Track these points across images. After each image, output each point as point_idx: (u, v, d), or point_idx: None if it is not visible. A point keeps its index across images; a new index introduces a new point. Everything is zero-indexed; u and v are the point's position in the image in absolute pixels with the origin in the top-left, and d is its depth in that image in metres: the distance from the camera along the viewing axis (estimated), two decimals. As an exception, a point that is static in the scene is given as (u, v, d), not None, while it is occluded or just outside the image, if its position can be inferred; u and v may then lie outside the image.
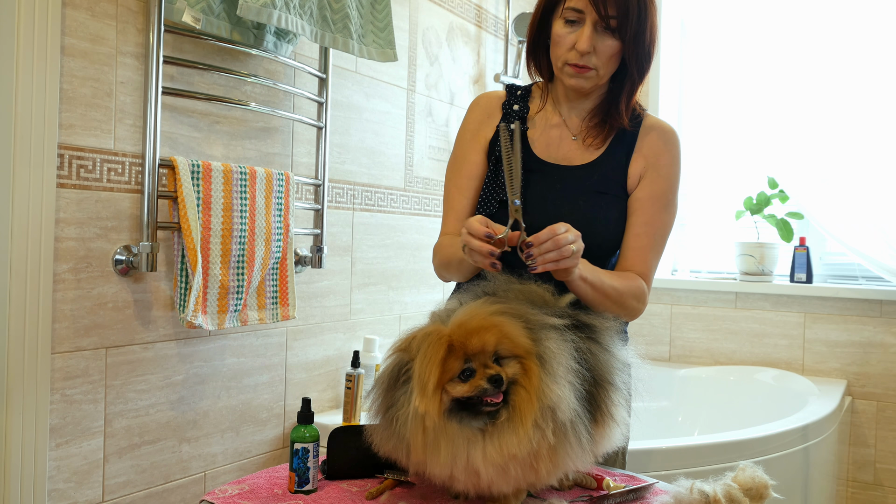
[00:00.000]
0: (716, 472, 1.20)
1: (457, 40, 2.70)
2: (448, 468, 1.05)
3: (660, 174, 1.44)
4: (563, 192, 1.43)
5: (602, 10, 1.31)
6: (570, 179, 1.43)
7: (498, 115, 1.51)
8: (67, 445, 1.55)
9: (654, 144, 1.45)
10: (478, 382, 1.03)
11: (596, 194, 1.43)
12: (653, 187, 1.44)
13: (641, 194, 1.44)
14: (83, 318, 1.56)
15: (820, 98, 2.87)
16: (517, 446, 1.02)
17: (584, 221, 1.35)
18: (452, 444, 1.04)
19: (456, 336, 1.05)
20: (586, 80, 1.39)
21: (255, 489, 1.24)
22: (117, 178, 1.61)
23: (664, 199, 1.45)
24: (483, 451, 1.03)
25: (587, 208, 1.41)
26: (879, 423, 2.82)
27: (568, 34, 1.36)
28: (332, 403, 2.22)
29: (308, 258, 2.05)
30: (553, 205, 1.42)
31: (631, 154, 1.45)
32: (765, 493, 1.15)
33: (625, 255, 1.44)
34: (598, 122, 1.45)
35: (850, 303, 2.87)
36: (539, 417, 1.03)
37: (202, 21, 1.66)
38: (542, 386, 1.04)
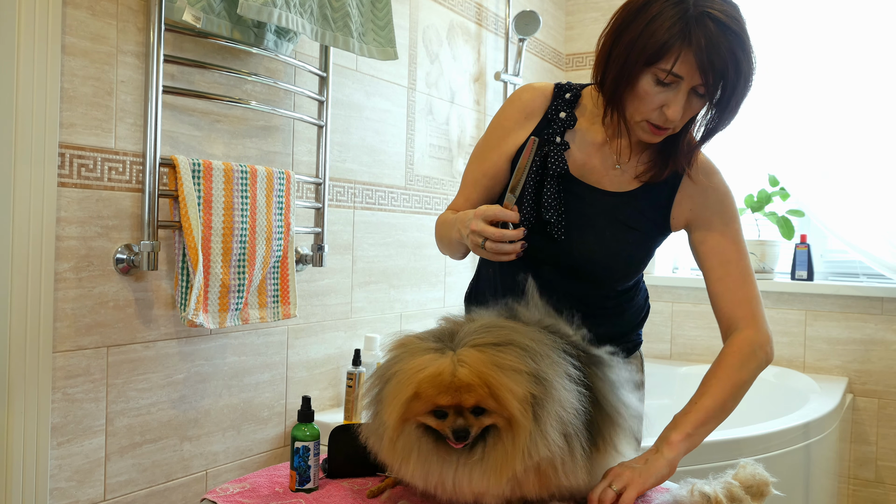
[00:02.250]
0: (717, 470, 1.20)
1: (457, 38, 2.70)
2: (421, 481, 1.05)
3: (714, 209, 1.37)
4: (594, 218, 1.34)
5: (710, 83, 1.18)
6: (602, 206, 1.35)
7: (537, 118, 1.38)
8: (69, 444, 1.56)
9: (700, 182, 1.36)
10: (444, 427, 1.02)
11: (625, 228, 1.35)
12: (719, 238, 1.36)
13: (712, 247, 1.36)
14: (84, 317, 1.56)
15: (820, 95, 2.86)
16: (486, 488, 1.02)
17: (606, 254, 1.33)
18: (425, 460, 1.04)
19: (424, 389, 1.00)
20: (660, 137, 1.28)
21: (257, 488, 1.25)
22: (118, 177, 1.61)
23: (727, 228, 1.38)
24: (455, 476, 1.03)
25: (613, 241, 1.34)
26: (881, 420, 2.82)
27: (658, 94, 1.21)
28: (333, 402, 2.22)
29: (309, 257, 2.05)
30: (577, 229, 1.34)
31: (674, 195, 1.36)
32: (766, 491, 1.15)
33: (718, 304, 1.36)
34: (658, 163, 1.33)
35: (851, 300, 2.87)
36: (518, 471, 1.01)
37: (202, 20, 1.66)
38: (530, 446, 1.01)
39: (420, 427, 1.04)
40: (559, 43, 3.46)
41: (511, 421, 1.01)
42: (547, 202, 1.32)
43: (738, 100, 1.22)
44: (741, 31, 1.18)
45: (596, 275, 1.36)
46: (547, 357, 1.05)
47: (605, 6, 3.39)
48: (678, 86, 1.19)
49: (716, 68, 1.16)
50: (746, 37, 1.18)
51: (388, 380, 1.06)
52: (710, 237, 1.37)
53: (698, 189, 1.37)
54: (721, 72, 1.16)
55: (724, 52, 1.15)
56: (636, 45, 1.18)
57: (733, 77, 1.17)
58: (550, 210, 1.32)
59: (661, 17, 1.17)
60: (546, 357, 1.05)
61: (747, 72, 1.19)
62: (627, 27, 1.21)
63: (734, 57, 1.16)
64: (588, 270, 1.35)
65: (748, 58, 1.18)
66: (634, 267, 1.40)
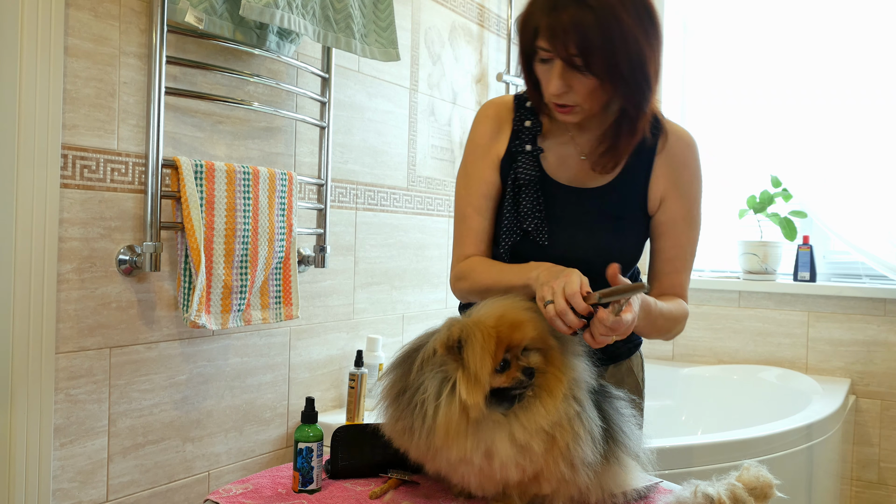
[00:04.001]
0: (720, 472, 1.20)
1: (459, 39, 2.70)
2: (468, 452, 1.07)
3: (682, 193, 1.38)
4: (580, 217, 1.36)
5: (562, 49, 1.18)
6: (586, 204, 1.36)
7: (508, 129, 1.41)
8: (72, 445, 1.56)
9: (674, 162, 1.38)
10: (514, 374, 1.08)
11: (613, 220, 1.36)
12: (678, 209, 1.38)
13: (666, 217, 1.38)
14: (87, 318, 1.56)
15: (823, 96, 2.86)
16: (546, 417, 1.07)
17: (600, 249, 1.34)
18: (479, 430, 1.07)
19: (503, 327, 1.09)
20: (573, 115, 1.29)
21: (259, 489, 1.25)
22: (121, 179, 1.61)
23: (689, 217, 1.40)
24: (509, 432, 1.07)
25: (604, 236, 1.36)
26: (883, 421, 2.82)
27: (544, 73, 1.25)
28: (335, 403, 2.22)
29: (311, 258, 2.05)
30: (567, 232, 1.36)
31: (650, 174, 1.37)
32: (769, 493, 1.15)
33: (659, 279, 1.40)
34: (607, 150, 1.34)
35: (854, 301, 2.86)
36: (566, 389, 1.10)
37: (205, 21, 1.66)
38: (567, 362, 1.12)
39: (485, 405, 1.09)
40: (561, 44, 3.45)
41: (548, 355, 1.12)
42: (524, 211, 1.35)
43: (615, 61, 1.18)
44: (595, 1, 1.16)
45: (594, 272, 1.36)
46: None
47: (607, 7, 3.38)
48: (552, 61, 1.21)
49: (556, 34, 1.16)
50: (603, 4, 1.16)
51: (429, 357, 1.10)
52: (673, 218, 1.39)
53: (672, 167, 1.38)
54: (564, 37, 1.16)
55: (565, 19, 1.15)
56: (520, 29, 1.25)
57: (584, 44, 1.15)
58: (528, 219, 1.35)
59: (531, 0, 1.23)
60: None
61: (605, 36, 1.16)
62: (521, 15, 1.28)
63: (578, 24, 1.15)
64: (585, 269, 1.35)
65: (603, 24, 1.15)
66: (629, 256, 1.40)
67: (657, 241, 1.41)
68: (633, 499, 1.20)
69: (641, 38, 1.19)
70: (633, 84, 1.22)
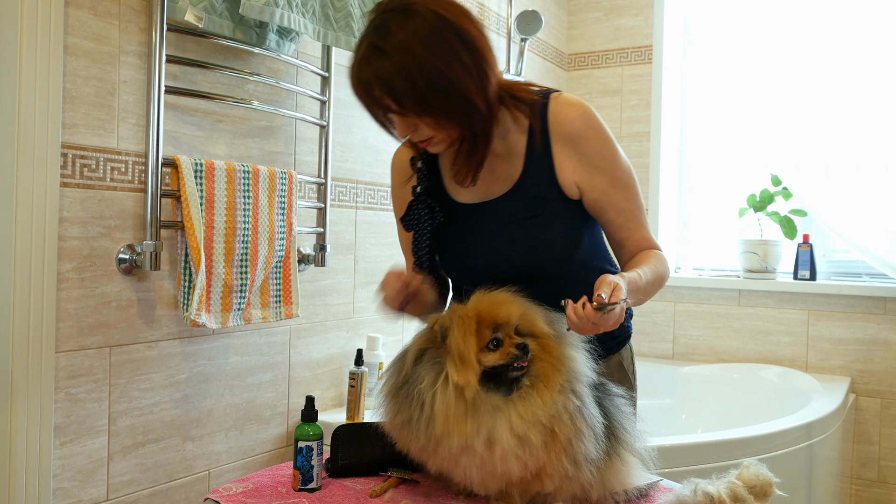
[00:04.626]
0: (720, 470, 1.20)
1: (459, 38, 2.70)
2: (470, 439, 1.08)
3: (595, 165, 1.33)
4: (497, 228, 1.36)
5: (376, 101, 1.22)
6: (500, 213, 1.36)
7: (411, 174, 1.44)
8: (72, 444, 1.56)
9: (570, 138, 1.33)
10: (507, 349, 1.11)
11: (528, 220, 1.34)
12: (599, 181, 1.34)
13: (594, 194, 1.35)
14: (87, 317, 1.56)
15: (823, 95, 2.86)
16: (542, 408, 1.09)
17: (525, 252, 1.34)
18: (478, 414, 1.09)
19: (483, 307, 1.13)
20: (435, 147, 1.29)
21: (259, 487, 1.25)
22: (120, 177, 1.61)
23: (615, 180, 1.35)
24: (508, 420, 1.09)
25: (525, 238, 1.34)
26: (883, 420, 2.82)
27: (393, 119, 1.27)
28: (335, 402, 2.22)
29: (311, 256, 2.05)
30: (489, 246, 1.36)
31: (552, 162, 1.34)
32: (769, 491, 1.15)
33: (623, 246, 1.39)
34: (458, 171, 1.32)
35: (854, 300, 2.86)
36: (564, 381, 1.12)
37: (204, 20, 1.66)
38: (564, 354, 1.14)
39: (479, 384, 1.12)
40: (561, 43, 3.45)
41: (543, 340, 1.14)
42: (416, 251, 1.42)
43: (432, 101, 1.19)
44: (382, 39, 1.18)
45: (535, 274, 1.35)
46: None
47: (607, 6, 3.39)
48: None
49: (371, 88, 1.20)
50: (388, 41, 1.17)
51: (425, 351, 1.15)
52: (601, 191, 1.35)
53: (571, 145, 1.33)
54: (379, 89, 1.19)
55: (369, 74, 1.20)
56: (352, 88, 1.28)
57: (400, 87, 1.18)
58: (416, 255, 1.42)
59: None
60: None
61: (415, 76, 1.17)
62: None
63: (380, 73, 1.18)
64: (526, 273, 1.34)
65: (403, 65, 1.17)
66: (562, 247, 1.37)
67: (600, 217, 1.38)
68: (633, 497, 1.20)
69: (446, 67, 1.18)
70: (454, 112, 1.21)
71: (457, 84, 1.19)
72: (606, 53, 3.40)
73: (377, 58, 1.18)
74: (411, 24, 1.17)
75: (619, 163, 1.35)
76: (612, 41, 3.39)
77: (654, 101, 3.27)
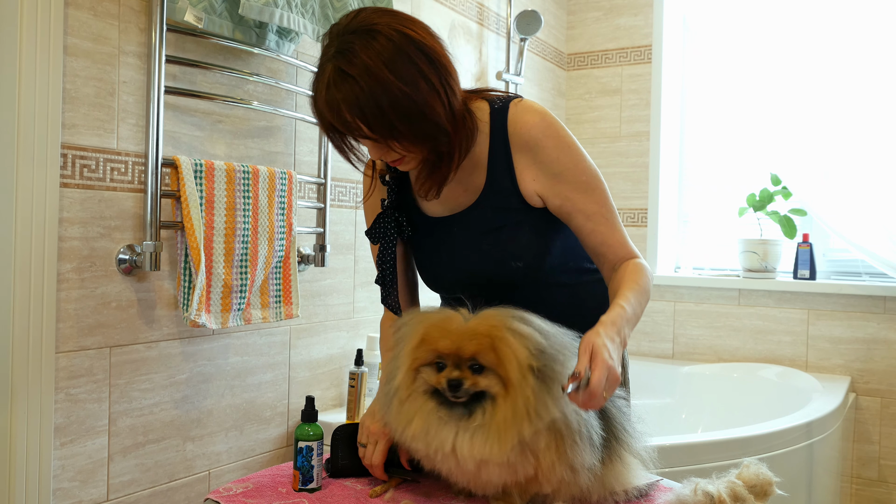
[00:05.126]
0: (720, 469, 1.20)
1: (459, 38, 2.70)
2: (423, 444, 1.10)
3: (555, 172, 1.30)
4: (465, 241, 1.35)
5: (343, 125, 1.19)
6: (467, 225, 1.35)
7: (378, 183, 1.44)
8: (72, 444, 1.56)
9: (528, 147, 1.30)
10: (440, 379, 1.08)
11: (494, 231, 1.33)
12: (562, 188, 1.30)
13: (558, 201, 1.31)
14: (87, 318, 1.56)
15: (823, 94, 2.86)
16: (489, 454, 1.06)
17: (494, 262, 1.33)
18: (426, 420, 1.09)
19: (430, 334, 1.10)
20: (405, 165, 1.27)
21: (260, 487, 1.25)
22: (120, 178, 1.61)
23: (579, 184, 1.30)
24: (455, 440, 1.07)
25: (492, 249, 1.33)
26: (883, 419, 2.82)
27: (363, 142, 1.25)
28: (335, 402, 2.22)
29: (311, 257, 2.05)
30: (461, 258, 1.36)
31: (513, 174, 1.31)
32: (769, 490, 1.15)
33: (599, 252, 1.33)
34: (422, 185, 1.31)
35: (854, 299, 2.87)
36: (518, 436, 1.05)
37: (204, 20, 1.66)
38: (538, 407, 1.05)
39: (427, 393, 1.11)
40: (561, 42, 3.45)
41: (508, 385, 1.06)
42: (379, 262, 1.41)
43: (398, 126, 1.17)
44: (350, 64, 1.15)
45: (507, 282, 1.35)
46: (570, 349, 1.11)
47: (607, 6, 3.39)
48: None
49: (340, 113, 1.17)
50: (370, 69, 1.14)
51: (398, 340, 1.15)
52: (566, 198, 1.31)
53: (529, 154, 1.30)
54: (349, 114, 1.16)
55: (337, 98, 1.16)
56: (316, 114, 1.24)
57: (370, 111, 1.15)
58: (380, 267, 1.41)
59: None
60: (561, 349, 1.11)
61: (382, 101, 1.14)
62: None
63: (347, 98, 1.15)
64: (499, 281, 1.34)
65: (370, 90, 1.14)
66: (533, 256, 1.34)
67: (570, 223, 1.34)
68: (633, 497, 1.20)
69: (413, 91, 1.16)
70: (421, 136, 1.19)
71: (424, 108, 1.17)
72: (606, 53, 3.40)
73: (345, 83, 1.15)
74: (376, 46, 1.14)
75: (581, 167, 1.31)
76: (611, 41, 3.39)
77: (653, 100, 3.27)
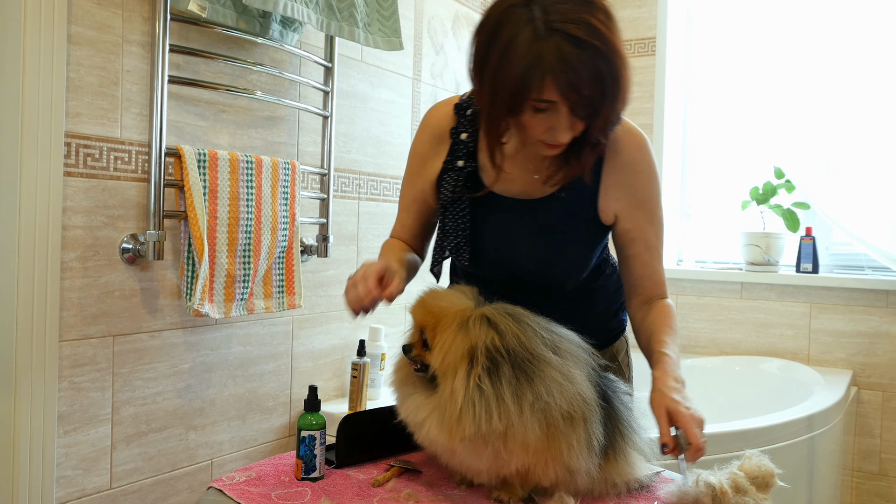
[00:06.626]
0: (721, 462, 1.20)
1: (462, 29, 2.69)
2: (399, 399, 1.19)
3: (640, 200, 1.33)
4: (521, 229, 1.32)
5: (578, 100, 1.11)
6: (528, 215, 1.32)
7: (447, 143, 1.35)
8: (75, 433, 1.56)
9: (624, 168, 1.31)
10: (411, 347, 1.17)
11: (556, 232, 1.32)
12: (639, 216, 1.33)
13: (630, 225, 1.34)
14: (90, 307, 1.57)
15: (826, 88, 2.85)
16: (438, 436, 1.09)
17: (541, 261, 1.32)
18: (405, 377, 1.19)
19: (417, 302, 1.18)
20: (558, 149, 1.22)
21: (262, 476, 1.25)
22: (124, 167, 1.61)
23: (652, 217, 1.35)
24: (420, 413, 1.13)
25: (545, 248, 1.32)
26: (885, 413, 2.82)
27: (541, 120, 1.15)
28: (337, 392, 2.23)
29: (314, 247, 2.05)
30: (508, 245, 1.33)
31: (598, 185, 1.31)
32: (771, 482, 1.15)
33: (641, 283, 1.37)
34: (564, 169, 1.27)
35: (856, 293, 2.86)
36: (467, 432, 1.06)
37: (208, 9, 1.66)
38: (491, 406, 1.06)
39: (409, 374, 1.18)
40: (564, 34, 3.44)
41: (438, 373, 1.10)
42: (447, 231, 1.34)
43: (611, 107, 1.14)
44: (599, 40, 1.08)
45: (538, 283, 1.35)
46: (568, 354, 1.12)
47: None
48: (556, 108, 1.12)
49: (575, 87, 1.09)
50: (606, 42, 1.09)
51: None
52: (638, 225, 1.34)
53: (623, 174, 1.32)
54: (583, 89, 1.09)
55: (581, 70, 1.08)
56: (498, 81, 1.12)
57: (598, 90, 1.10)
58: (449, 237, 1.33)
59: (513, 47, 1.09)
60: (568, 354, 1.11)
61: (611, 79, 1.11)
62: (485, 59, 1.14)
63: (594, 71, 1.08)
64: (529, 280, 1.34)
65: (610, 64, 1.10)
66: (575, 268, 1.36)
67: (628, 248, 1.36)
68: (635, 488, 1.21)
69: (629, 80, 1.14)
70: (616, 121, 1.20)
71: (626, 103, 1.17)
72: (610, 45, 3.38)
73: (589, 56, 1.08)
74: (614, 26, 1.11)
75: (658, 200, 1.36)
76: (615, 33, 3.37)
77: (657, 93, 3.26)
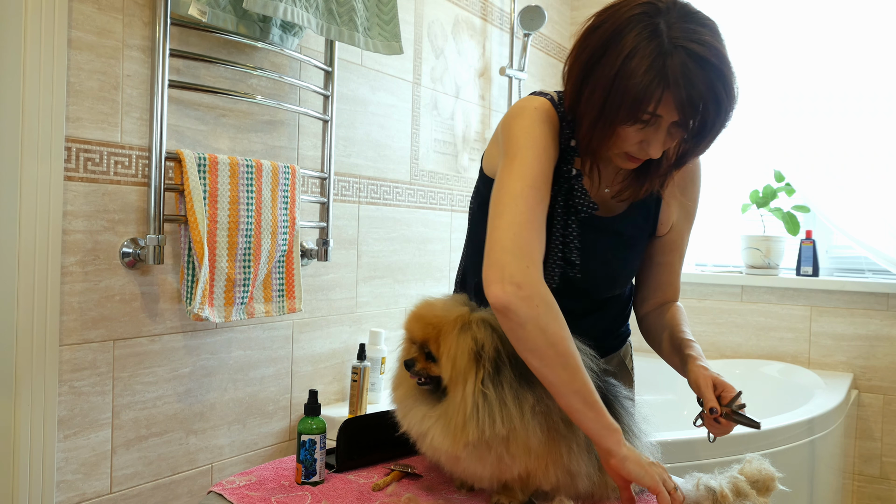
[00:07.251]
0: (722, 465, 1.20)
1: (462, 33, 2.70)
2: (401, 414, 1.19)
3: (689, 211, 1.38)
4: (595, 245, 1.29)
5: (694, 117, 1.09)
6: (603, 232, 1.29)
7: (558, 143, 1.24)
8: (75, 437, 1.56)
9: (684, 178, 1.35)
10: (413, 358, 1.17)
11: (626, 247, 1.32)
12: (684, 225, 1.38)
13: (675, 236, 1.37)
14: (91, 311, 1.57)
15: (826, 91, 2.85)
16: (446, 447, 1.10)
17: (609, 276, 1.33)
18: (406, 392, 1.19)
19: (412, 315, 1.20)
20: (638, 164, 1.20)
21: (263, 481, 1.25)
22: (124, 171, 1.61)
23: (692, 225, 1.40)
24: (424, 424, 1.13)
25: (614, 263, 1.32)
26: (886, 416, 2.82)
27: (638, 131, 1.12)
28: (337, 396, 2.23)
29: (314, 251, 2.05)
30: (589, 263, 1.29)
31: (661, 199, 1.33)
32: (771, 486, 1.15)
33: (662, 288, 1.39)
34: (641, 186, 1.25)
35: (857, 296, 2.86)
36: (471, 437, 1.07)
37: (208, 14, 1.66)
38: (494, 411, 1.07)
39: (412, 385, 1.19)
40: (564, 38, 3.45)
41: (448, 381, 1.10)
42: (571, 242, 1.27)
43: (716, 129, 1.13)
44: (720, 62, 1.07)
45: (593, 292, 1.35)
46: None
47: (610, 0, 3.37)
48: (658, 123, 1.10)
49: (694, 104, 1.07)
50: (727, 65, 1.08)
51: None
52: (681, 235, 1.39)
53: (682, 184, 1.36)
54: (700, 107, 1.07)
55: (702, 88, 1.06)
56: (613, 88, 1.08)
57: (713, 110, 1.08)
58: (575, 252, 1.27)
59: (635, 57, 1.06)
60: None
61: (727, 102, 1.09)
62: (598, 63, 1.11)
63: (713, 92, 1.07)
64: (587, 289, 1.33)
65: (728, 88, 1.09)
66: (630, 279, 1.41)
67: (663, 255, 1.38)
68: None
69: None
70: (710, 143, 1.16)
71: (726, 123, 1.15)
72: (610, 49, 3.39)
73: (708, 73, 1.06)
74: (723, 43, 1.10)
75: (697, 211, 1.40)
76: (615, 36, 3.37)
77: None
